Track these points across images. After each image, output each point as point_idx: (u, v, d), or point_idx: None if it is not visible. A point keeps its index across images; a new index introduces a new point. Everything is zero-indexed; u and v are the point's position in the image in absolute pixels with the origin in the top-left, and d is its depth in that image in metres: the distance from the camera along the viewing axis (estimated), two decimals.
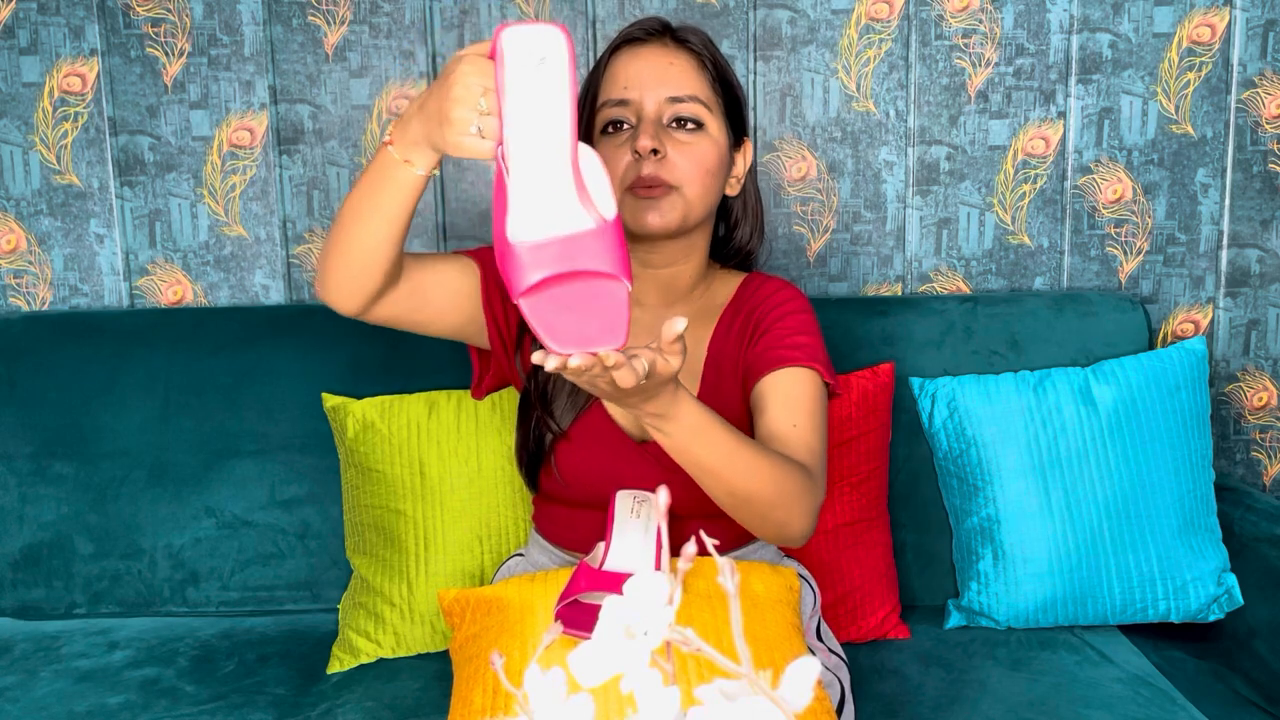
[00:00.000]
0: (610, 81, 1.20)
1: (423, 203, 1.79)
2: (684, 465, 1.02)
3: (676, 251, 1.23)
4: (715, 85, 1.20)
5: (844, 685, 1.22)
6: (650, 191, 1.16)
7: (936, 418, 1.60)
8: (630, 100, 1.17)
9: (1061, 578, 1.51)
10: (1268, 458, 1.86)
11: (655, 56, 1.19)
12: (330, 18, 1.75)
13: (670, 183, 1.16)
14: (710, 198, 1.20)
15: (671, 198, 1.16)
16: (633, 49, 1.20)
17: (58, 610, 1.64)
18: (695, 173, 1.17)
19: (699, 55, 1.20)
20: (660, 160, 1.15)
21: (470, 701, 1.05)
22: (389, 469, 1.51)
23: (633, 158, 1.16)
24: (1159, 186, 1.79)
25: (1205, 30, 1.76)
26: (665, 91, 1.17)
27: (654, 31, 1.20)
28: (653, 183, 1.15)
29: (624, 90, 1.18)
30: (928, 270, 1.81)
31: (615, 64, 1.20)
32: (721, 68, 1.22)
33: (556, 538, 1.28)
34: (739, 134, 1.25)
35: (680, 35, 1.21)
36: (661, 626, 0.47)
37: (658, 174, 1.15)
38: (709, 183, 1.19)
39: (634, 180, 1.16)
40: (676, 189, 1.16)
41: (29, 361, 1.67)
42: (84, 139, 1.78)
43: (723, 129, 1.21)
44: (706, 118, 1.18)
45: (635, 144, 1.15)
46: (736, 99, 1.23)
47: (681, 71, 1.18)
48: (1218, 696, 1.40)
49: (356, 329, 1.67)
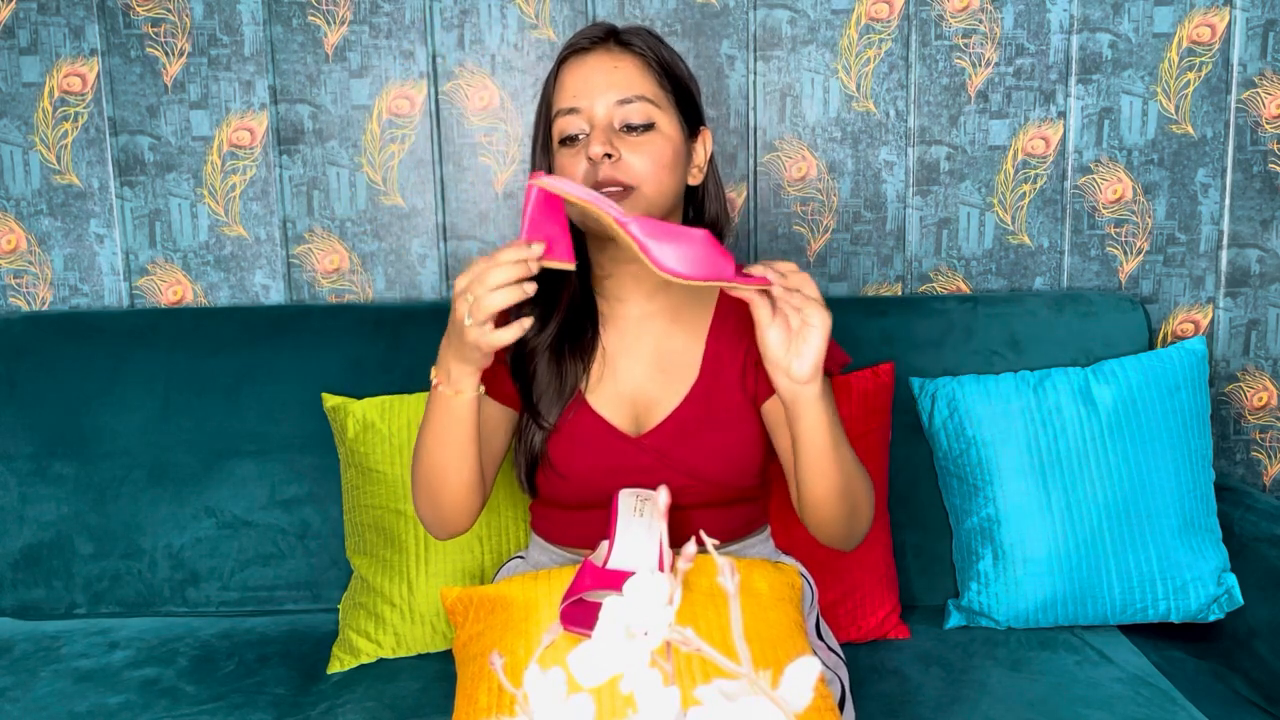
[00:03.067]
0: (560, 91, 1.22)
1: (423, 202, 1.79)
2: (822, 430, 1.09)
3: None
4: (663, 82, 1.23)
5: (844, 684, 1.22)
6: (611, 196, 1.17)
7: (936, 418, 1.60)
8: (580, 108, 1.20)
9: (1061, 578, 1.51)
10: (1268, 458, 1.86)
11: (600, 62, 1.21)
12: (330, 18, 1.75)
13: (627, 183, 1.18)
14: (670, 192, 1.22)
15: (631, 198, 1.18)
16: (579, 58, 1.23)
17: (58, 610, 1.65)
18: (651, 170, 1.19)
19: (643, 55, 1.22)
20: (615, 163, 1.18)
21: (475, 700, 1.05)
22: (389, 469, 1.51)
23: (589, 164, 1.18)
24: (1159, 186, 1.79)
25: (1205, 30, 1.76)
26: (613, 95, 1.19)
27: (598, 39, 1.23)
28: (609, 184, 1.17)
29: (573, 99, 1.20)
30: (928, 270, 1.81)
31: (564, 74, 1.23)
32: (667, 64, 1.24)
33: (556, 537, 1.29)
34: (695, 124, 1.27)
35: (624, 38, 1.24)
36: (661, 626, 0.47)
37: (614, 175, 1.17)
38: (665, 177, 1.21)
39: (592, 184, 1.18)
40: (635, 188, 1.18)
41: (29, 361, 1.67)
42: (84, 139, 1.78)
43: (675, 123, 1.23)
44: (656, 116, 1.21)
45: (588, 151, 1.17)
46: (688, 90, 1.26)
47: (627, 74, 1.21)
48: (1218, 696, 1.40)
49: (356, 329, 1.68)
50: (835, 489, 1.12)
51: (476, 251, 1.80)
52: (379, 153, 1.78)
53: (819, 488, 1.12)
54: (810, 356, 1.03)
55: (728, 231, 1.35)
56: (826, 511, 1.14)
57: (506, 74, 1.77)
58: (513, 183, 1.79)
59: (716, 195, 1.32)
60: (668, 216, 1.25)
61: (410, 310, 1.70)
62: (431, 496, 1.19)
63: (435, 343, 1.35)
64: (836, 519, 1.15)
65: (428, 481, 1.18)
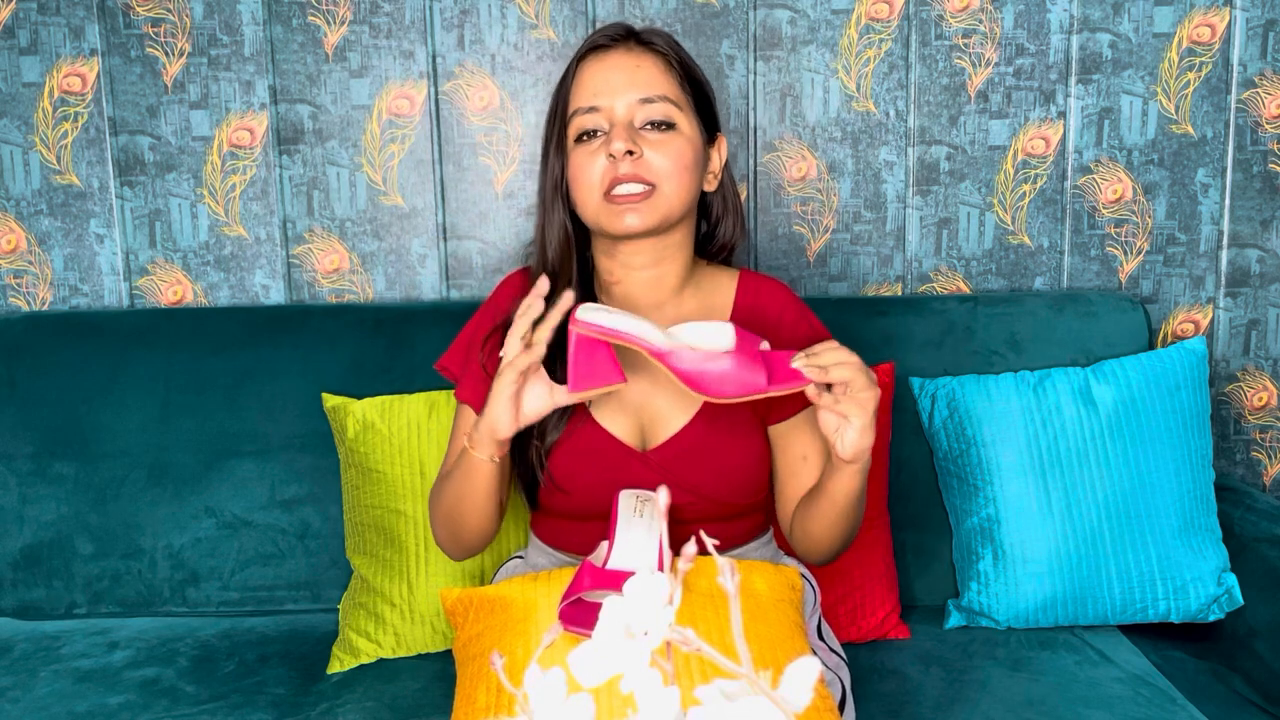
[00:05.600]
0: (579, 89, 1.21)
1: (423, 202, 1.79)
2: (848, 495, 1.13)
3: (660, 251, 1.24)
4: (684, 84, 1.22)
5: (844, 685, 1.22)
6: (630, 198, 1.17)
7: (936, 418, 1.60)
8: (601, 106, 1.19)
9: (1061, 578, 1.51)
10: (1268, 458, 1.86)
11: (622, 60, 1.20)
12: (330, 18, 1.75)
13: (648, 180, 1.17)
14: (689, 194, 1.22)
15: (652, 199, 1.18)
16: (599, 55, 1.22)
17: (58, 610, 1.65)
18: (672, 169, 1.19)
19: (665, 56, 1.22)
20: (636, 160, 1.17)
21: (474, 700, 1.05)
22: (389, 469, 1.51)
23: (608, 161, 1.17)
24: (1159, 186, 1.79)
25: (1205, 30, 1.76)
26: (635, 94, 1.19)
27: (618, 37, 1.23)
28: (630, 180, 1.16)
29: (594, 96, 1.20)
30: (928, 270, 1.81)
31: (583, 72, 1.22)
32: (688, 66, 1.24)
33: (555, 543, 1.28)
34: (712, 131, 1.26)
35: (645, 38, 1.23)
36: (661, 626, 0.47)
37: (635, 173, 1.17)
38: (686, 179, 1.20)
39: (611, 181, 1.18)
40: (655, 186, 1.18)
41: (29, 361, 1.67)
42: (84, 139, 1.78)
43: (695, 126, 1.22)
44: (678, 117, 1.20)
45: (609, 148, 1.16)
46: (706, 96, 1.25)
47: (649, 73, 1.20)
48: (1218, 696, 1.40)
49: (356, 329, 1.68)
50: (838, 536, 1.18)
51: (476, 251, 1.80)
52: (379, 153, 1.78)
53: (823, 532, 1.18)
54: (849, 446, 1.06)
55: (740, 243, 1.35)
56: (821, 545, 1.20)
57: (506, 74, 1.77)
58: (513, 183, 1.79)
59: (733, 204, 1.31)
60: (682, 222, 1.24)
61: (410, 310, 1.70)
62: (453, 534, 1.23)
63: (435, 342, 1.35)
64: (824, 553, 1.22)
65: (448, 520, 1.22)
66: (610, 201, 1.18)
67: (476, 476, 1.15)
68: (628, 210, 1.18)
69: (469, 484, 1.16)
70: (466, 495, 1.17)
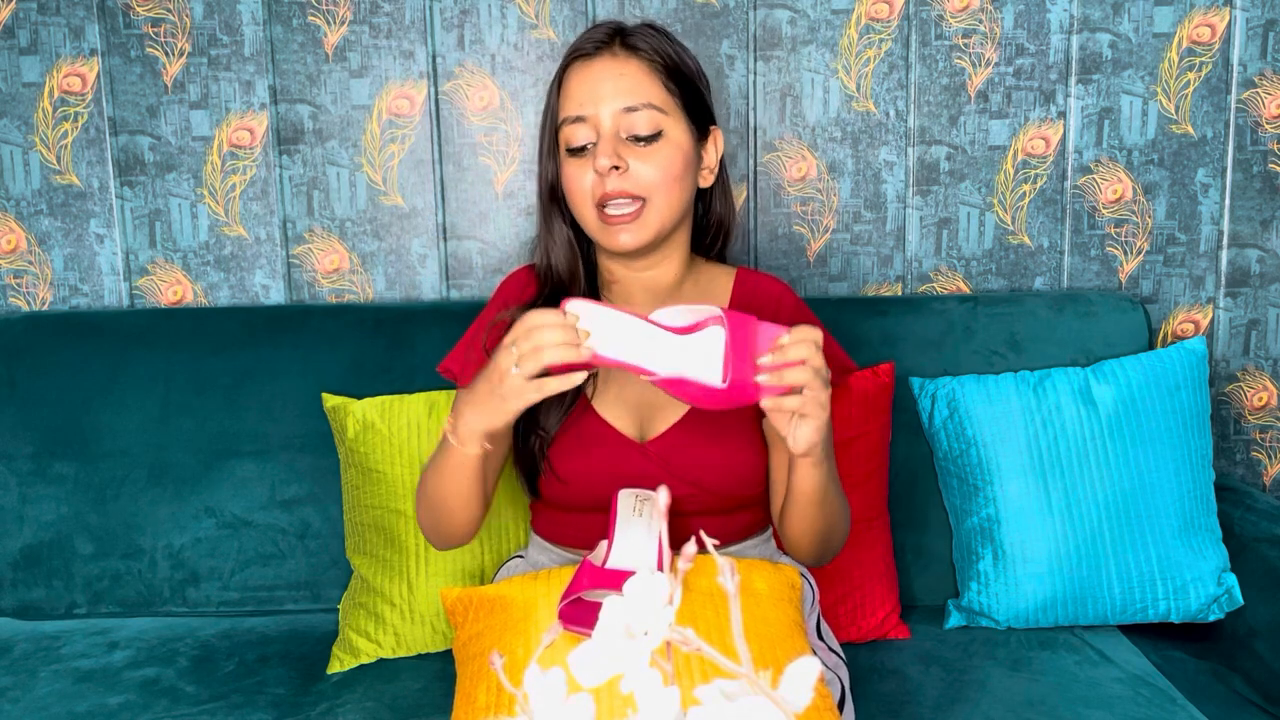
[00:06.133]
0: (566, 99, 1.21)
1: (423, 202, 1.79)
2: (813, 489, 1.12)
3: (657, 253, 1.25)
4: (669, 85, 1.20)
5: (844, 684, 1.22)
6: (622, 218, 1.17)
7: (936, 418, 1.60)
8: (586, 116, 1.19)
9: (1061, 578, 1.51)
10: (1268, 458, 1.86)
11: (605, 68, 1.20)
12: (330, 18, 1.75)
13: (637, 194, 1.17)
14: (680, 203, 1.22)
15: (643, 216, 1.18)
16: (584, 63, 1.21)
17: (58, 610, 1.64)
18: (661, 180, 1.18)
19: (649, 59, 1.20)
20: (623, 174, 1.17)
21: (474, 699, 1.05)
22: (389, 469, 1.51)
23: (597, 176, 1.17)
24: (1159, 186, 1.79)
25: (1205, 30, 1.76)
26: (619, 103, 1.18)
27: (602, 43, 1.21)
28: (619, 196, 1.16)
29: (579, 106, 1.19)
30: (928, 270, 1.81)
31: (569, 80, 1.22)
32: (674, 64, 1.21)
33: (556, 538, 1.28)
34: (705, 125, 1.25)
35: (629, 41, 1.21)
36: (661, 626, 0.47)
37: (623, 188, 1.17)
38: (676, 188, 1.20)
39: (601, 196, 1.18)
40: (645, 200, 1.18)
41: (29, 361, 1.67)
42: (84, 139, 1.78)
43: (684, 127, 1.21)
44: (664, 123, 1.19)
45: (595, 164, 1.16)
46: (696, 90, 1.23)
47: (633, 80, 1.19)
48: (1218, 696, 1.40)
49: (356, 329, 1.68)
50: (815, 532, 1.18)
51: (476, 251, 1.80)
52: (379, 153, 1.78)
53: (797, 528, 1.19)
54: (802, 442, 1.05)
55: (733, 234, 1.35)
56: (802, 543, 1.21)
57: (506, 74, 1.77)
58: (513, 183, 1.79)
59: (724, 197, 1.31)
60: (678, 225, 1.25)
61: (410, 310, 1.70)
62: (434, 523, 1.22)
63: (435, 342, 1.35)
64: (810, 551, 1.22)
65: (431, 508, 1.21)
66: (603, 220, 1.19)
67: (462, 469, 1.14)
68: (620, 230, 1.18)
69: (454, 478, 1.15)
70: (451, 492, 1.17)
